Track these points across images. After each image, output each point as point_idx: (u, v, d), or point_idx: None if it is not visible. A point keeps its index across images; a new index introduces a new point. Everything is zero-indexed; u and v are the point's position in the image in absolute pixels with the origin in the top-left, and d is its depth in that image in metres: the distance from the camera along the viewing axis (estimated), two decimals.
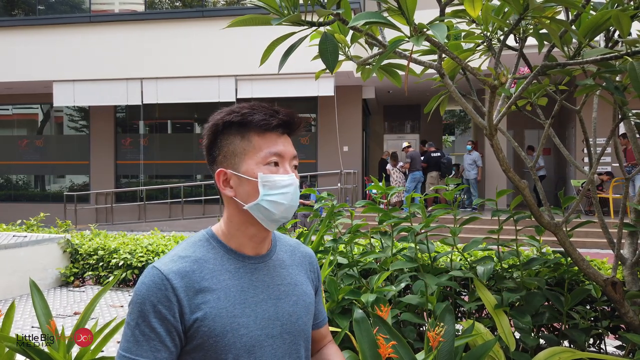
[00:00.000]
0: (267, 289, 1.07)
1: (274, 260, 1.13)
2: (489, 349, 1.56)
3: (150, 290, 0.97)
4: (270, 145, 1.05)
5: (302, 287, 1.14)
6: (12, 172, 13.73)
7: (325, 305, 1.79)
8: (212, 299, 1.00)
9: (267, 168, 1.04)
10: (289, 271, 1.14)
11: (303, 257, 1.21)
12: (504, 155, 1.85)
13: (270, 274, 1.09)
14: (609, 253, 6.13)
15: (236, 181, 1.05)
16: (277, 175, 1.04)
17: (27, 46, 11.67)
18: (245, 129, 1.05)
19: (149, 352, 0.95)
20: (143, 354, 0.95)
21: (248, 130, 1.05)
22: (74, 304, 4.82)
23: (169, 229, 11.16)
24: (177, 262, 1.02)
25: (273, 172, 1.04)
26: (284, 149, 1.06)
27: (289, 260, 1.17)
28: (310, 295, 1.16)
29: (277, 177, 1.04)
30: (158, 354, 0.96)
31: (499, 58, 1.62)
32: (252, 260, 1.08)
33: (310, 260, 1.23)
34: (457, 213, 2.29)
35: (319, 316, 1.24)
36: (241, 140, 1.05)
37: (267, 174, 1.03)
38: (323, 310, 1.27)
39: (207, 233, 1.10)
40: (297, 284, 1.13)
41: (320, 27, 1.35)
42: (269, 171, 1.04)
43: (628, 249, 2.16)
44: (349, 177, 11.92)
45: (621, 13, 1.35)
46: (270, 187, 1.03)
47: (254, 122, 1.04)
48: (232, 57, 10.91)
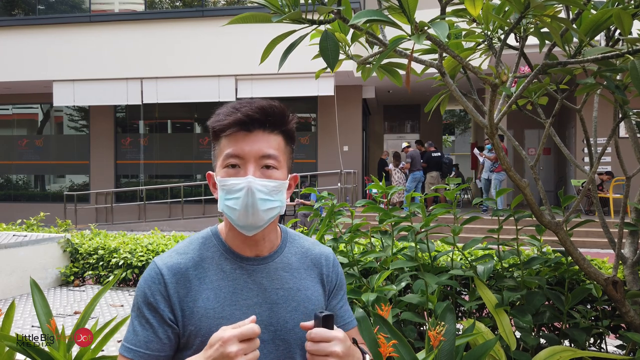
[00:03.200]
0: (264, 293, 1.03)
1: (278, 262, 1.07)
2: (489, 348, 1.56)
3: (146, 283, 1.00)
4: (230, 146, 0.99)
5: (307, 292, 1.07)
6: (12, 172, 13.72)
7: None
8: (202, 298, 0.99)
9: (225, 171, 1.00)
10: (294, 275, 1.08)
11: (315, 259, 1.13)
12: (505, 154, 1.84)
13: (270, 277, 1.05)
14: (609, 252, 6.13)
15: (217, 184, 1.04)
16: (231, 179, 0.98)
17: (27, 46, 11.67)
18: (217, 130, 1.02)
19: (142, 343, 0.98)
20: (137, 344, 0.98)
21: (219, 132, 1.02)
22: (74, 303, 4.82)
23: (169, 229, 11.16)
24: (174, 258, 1.03)
25: (230, 175, 0.99)
26: (243, 149, 0.98)
27: (296, 263, 1.10)
28: (316, 302, 1.08)
29: (230, 181, 0.98)
30: (150, 345, 0.98)
31: (500, 57, 1.62)
32: (250, 262, 1.05)
33: (325, 262, 1.14)
34: (457, 212, 2.29)
35: (340, 320, 1.14)
36: (216, 143, 1.04)
37: (223, 178, 0.99)
38: (347, 313, 1.16)
39: (211, 230, 1.10)
40: (300, 289, 1.07)
41: (320, 25, 1.34)
42: (226, 174, 0.99)
43: (629, 248, 2.16)
44: (348, 176, 11.92)
45: (622, 11, 1.34)
46: (227, 191, 0.99)
47: (210, 124, 1.02)
48: (232, 57, 10.91)
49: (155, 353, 0.98)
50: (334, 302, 1.15)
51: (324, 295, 1.12)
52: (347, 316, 1.15)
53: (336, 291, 1.15)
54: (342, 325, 1.13)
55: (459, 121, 27.96)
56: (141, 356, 0.98)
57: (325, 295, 1.13)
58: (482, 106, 2.02)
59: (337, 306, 1.14)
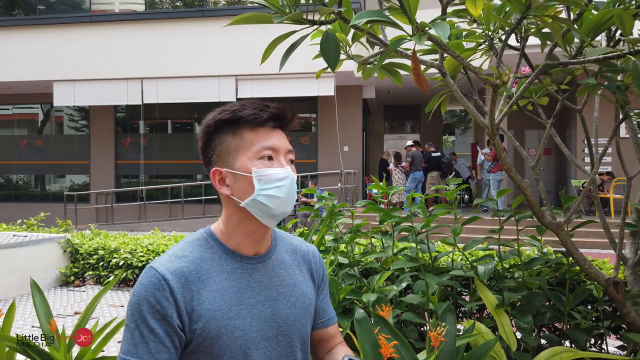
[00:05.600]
0: (265, 290, 1.05)
1: (273, 260, 1.10)
2: (490, 349, 1.56)
3: (148, 291, 0.96)
4: (262, 140, 1.03)
5: (302, 288, 1.12)
6: (12, 171, 13.72)
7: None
8: (208, 300, 0.98)
9: (261, 162, 1.02)
10: (289, 271, 1.12)
11: (305, 255, 1.18)
12: (506, 155, 1.84)
13: (268, 274, 1.08)
14: (609, 253, 6.12)
15: (231, 179, 1.04)
16: (272, 169, 1.02)
17: (28, 46, 11.67)
18: (237, 125, 1.04)
19: (149, 355, 0.93)
20: (143, 356, 0.93)
21: (239, 127, 1.04)
22: (74, 303, 4.82)
23: (169, 229, 11.16)
24: (175, 262, 1.00)
25: (267, 166, 1.02)
26: (277, 143, 1.04)
27: (289, 260, 1.14)
28: (310, 296, 1.13)
29: (272, 171, 1.02)
30: (158, 355, 0.94)
31: (501, 57, 1.61)
32: (250, 261, 1.06)
33: (313, 259, 1.20)
34: (458, 213, 2.29)
35: (324, 314, 1.20)
36: (233, 137, 1.04)
37: (261, 168, 1.02)
38: (330, 308, 1.23)
39: (205, 232, 1.09)
40: (296, 284, 1.11)
41: (321, 25, 1.34)
42: (263, 165, 1.02)
43: (630, 249, 2.16)
44: (349, 177, 11.91)
45: (624, 12, 1.34)
46: (266, 181, 1.01)
47: (244, 118, 1.03)
48: (232, 57, 10.91)
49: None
50: (321, 296, 1.20)
51: (314, 289, 1.17)
52: (330, 312, 1.22)
53: (323, 286, 1.22)
54: (326, 320, 1.20)
55: (459, 121, 27.95)
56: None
57: (315, 290, 1.18)
58: (482, 106, 2.02)
59: (323, 300, 1.21)
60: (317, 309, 1.18)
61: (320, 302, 1.19)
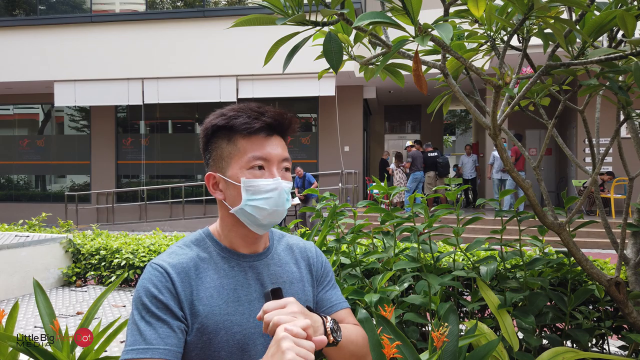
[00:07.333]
0: (262, 287, 1.07)
1: (271, 258, 1.12)
2: (492, 349, 1.56)
3: (151, 282, 0.98)
4: (255, 149, 1.03)
5: (300, 285, 1.14)
6: (13, 172, 13.74)
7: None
8: (206, 296, 1.00)
9: (251, 172, 1.02)
10: (286, 269, 1.14)
11: (302, 251, 1.20)
12: (508, 155, 1.84)
13: (265, 272, 1.09)
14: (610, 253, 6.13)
15: (224, 185, 1.05)
16: (261, 180, 1.02)
17: (28, 46, 11.68)
18: (232, 132, 1.04)
19: (159, 340, 0.93)
20: (153, 342, 0.93)
21: (234, 134, 1.04)
22: (76, 304, 4.83)
23: (170, 229, 11.17)
24: (174, 258, 1.03)
25: (257, 177, 1.02)
26: (270, 152, 1.03)
27: (287, 257, 1.16)
28: (309, 293, 1.15)
29: (261, 182, 1.02)
30: (168, 340, 0.94)
31: (503, 58, 1.62)
32: (247, 259, 1.08)
33: (310, 254, 1.21)
34: (460, 213, 2.29)
35: (328, 302, 1.19)
36: (227, 143, 1.04)
37: (249, 179, 1.02)
38: (335, 295, 1.21)
39: (203, 232, 1.11)
40: (293, 282, 1.13)
41: (324, 27, 1.34)
42: (252, 175, 1.02)
43: (631, 249, 2.16)
44: (349, 177, 11.92)
45: (626, 13, 1.35)
46: (254, 192, 1.02)
47: (237, 126, 1.03)
48: (233, 57, 10.92)
49: (174, 348, 0.94)
50: (320, 288, 1.21)
51: (312, 283, 1.18)
52: (334, 299, 1.20)
53: (322, 278, 1.22)
54: (330, 307, 1.18)
55: (459, 121, 27.94)
56: (161, 353, 0.92)
57: (314, 283, 1.19)
58: (484, 107, 2.02)
59: (326, 290, 1.21)
60: (321, 299, 1.19)
61: (324, 292, 1.20)
